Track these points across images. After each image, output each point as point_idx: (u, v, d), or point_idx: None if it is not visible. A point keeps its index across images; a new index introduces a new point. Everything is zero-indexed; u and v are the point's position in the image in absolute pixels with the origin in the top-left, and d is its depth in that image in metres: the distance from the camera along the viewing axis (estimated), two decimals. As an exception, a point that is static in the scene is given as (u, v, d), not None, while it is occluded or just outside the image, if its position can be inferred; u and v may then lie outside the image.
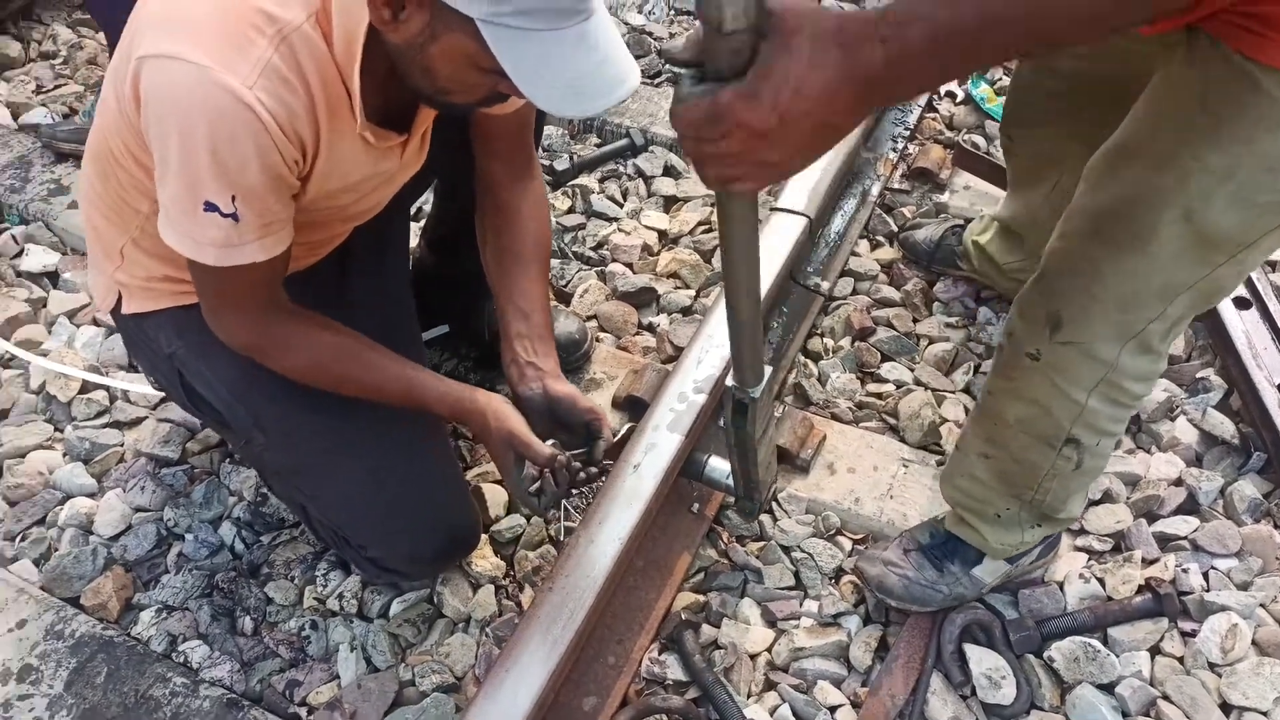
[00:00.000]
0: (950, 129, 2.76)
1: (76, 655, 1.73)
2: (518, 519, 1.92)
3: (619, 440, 1.72)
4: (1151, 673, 1.67)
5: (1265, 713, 1.60)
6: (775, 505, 1.92)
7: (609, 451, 1.64)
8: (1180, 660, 1.68)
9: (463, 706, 1.67)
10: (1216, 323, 2.11)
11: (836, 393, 2.12)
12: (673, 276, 2.40)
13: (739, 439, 1.46)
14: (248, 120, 1.24)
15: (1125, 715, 1.63)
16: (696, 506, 1.89)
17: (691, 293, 2.36)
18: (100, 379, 2.16)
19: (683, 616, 1.76)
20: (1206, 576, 1.78)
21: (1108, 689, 1.65)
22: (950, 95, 2.84)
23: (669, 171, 2.69)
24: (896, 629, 1.75)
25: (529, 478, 1.55)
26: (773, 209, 2.22)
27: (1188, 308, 1.30)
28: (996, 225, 2.14)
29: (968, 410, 2.06)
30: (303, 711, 1.70)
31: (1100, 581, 1.76)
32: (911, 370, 2.17)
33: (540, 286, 1.71)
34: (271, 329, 1.48)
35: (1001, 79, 2.87)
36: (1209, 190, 1.14)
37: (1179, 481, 1.92)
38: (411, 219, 2.04)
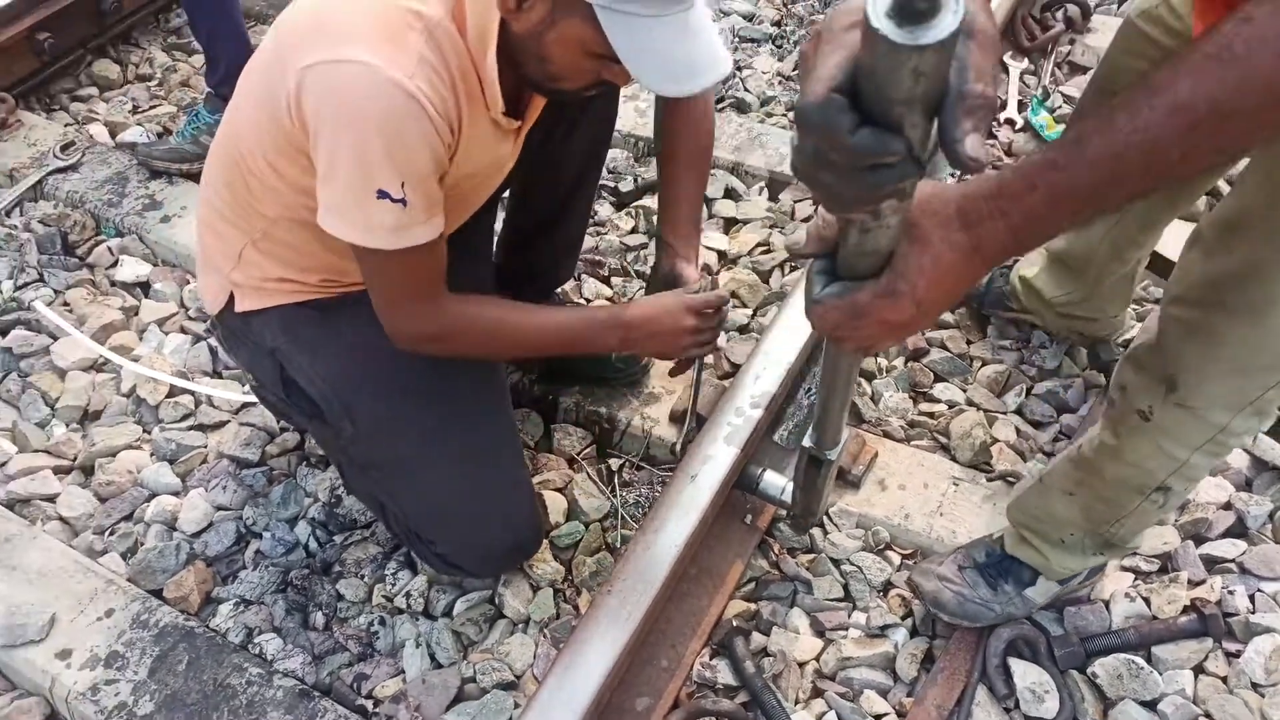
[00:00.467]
0: (1009, 156, 2.80)
1: (160, 644, 1.83)
2: (577, 525, 1.99)
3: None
4: (1195, 691, 1.69)
5: (1308, 734, 1.62)
6: (826, 519, 1.98)
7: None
8: (1224, 680, 1.70)
9: (520, 704, 1.75)
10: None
11: (889, 411, 2.17)
12: (732, 296, 2.47)
13: (808, 484, 1.54)
14: (415, 110, 1.36)
15: (1167, 733, 1.66)
16: (749, 518, 1.95)
17: (749, 311, 2.43)
18: (187, 384, 2.28)
19: (734, 623, 1.82)
20: (1252, 599, 1.80)
21: (1150, 706, 1.67)
22: (1009, 123, 2.87)
23: (729, 194, 2.75)
24: (943, 642, 1.79)
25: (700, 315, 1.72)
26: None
27: None
28: (1046, 258, 2.12)
29: (1019, 431, 2.10)
30: (369, 704, 1.79)
31: (1146, 601, 1.78)
32: (964, 391, 2.21)
33: (692, 182, 1.91)
34: (448, 314, 1.61)
35: (1062, 106, 2.90)
36: None
37: (1228, 505, 1.93)
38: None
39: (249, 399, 2.24)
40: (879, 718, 1.71)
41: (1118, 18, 2.64)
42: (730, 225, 2.69)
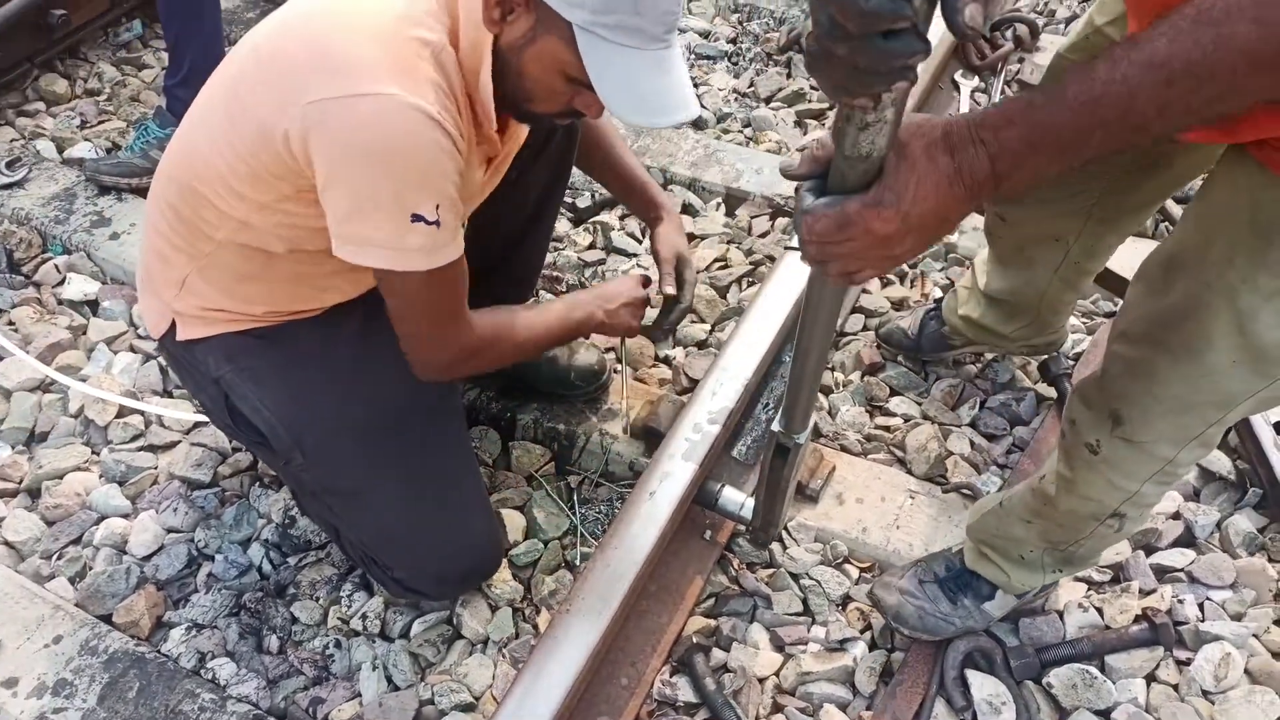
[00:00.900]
0: (960, 171, 2.83)
1: (109, 670, 1.79)
2: (535, 544, 1.98)
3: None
4: (1147, 700, 1.72)
5: (1258, 740, 1.65)
6: (785, 534, 1.98)
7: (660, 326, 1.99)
8: (1175, 688, 1.73)
9: (480, 724, 1.74)
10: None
11: (846, 425, 2.19)
12: (690, 311, 2.47)
13: (773, 479, 1.54)
14: (439, 134, 1.37)
15: (1122, 741, 1.68)
16: (709, 533, 1.95)
17: (707, 327, 2.44)
18: (136, 404, 2.24)
19: (694, 640, 1.82)
20: (1202, 607, 1.83)
21: (1104, 715, 1.69)
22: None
23: (686, 210, 2.77)
24: (901, 654, 1.80)
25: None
26: (786, 248, 2.30)
27: (1250, 410, 1.28)
28: (987, 301, 2.05)
29: (973, 444, 2.12)
30: (326, 727, 1.77)
31: (1099, 611, 1.81)
32: (919, 404, 2.23)
33: (628, 154, 2.04)
34: (477, 329, 1.62)
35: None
36: (1256, 308, 1.14)
37: (1177, 515, 1.97)
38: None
39: (200, 418, 2.21)
40: (839, 732, 1.72)
41: (1065, 37, 2.69)
42: (688, 240, 2.68)
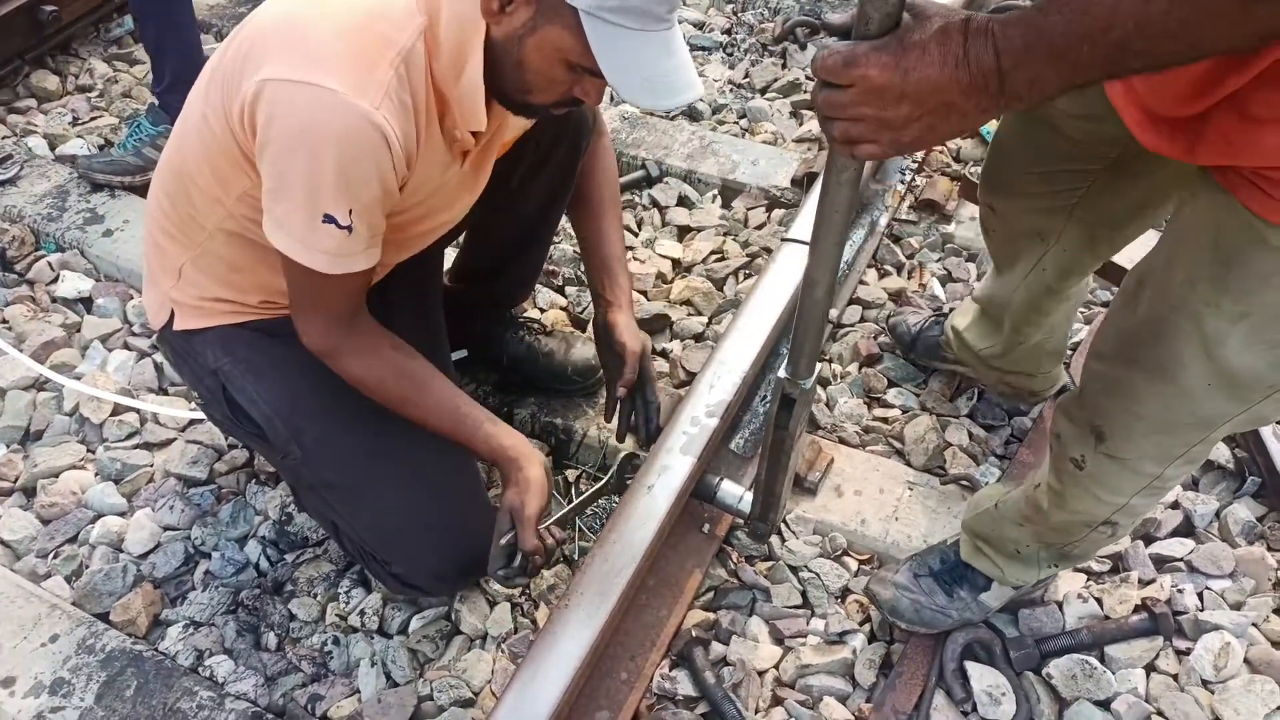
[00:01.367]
0: (957, 161, 2.83)
1: (107, 669, 1.79)
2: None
3: (619, 468, 1.84)
4: (1147, 690, 1.72)
5: (1257, 729, 1.65)
6: (784, 526, 1.98)
7: (616, 486, 1.82)
8: (1175, 678, 1.73)
9: (479, 720, 1.74)
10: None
11: (844, 417, 2.18)
12: (686, 304, 2.47)
13: (776, 440, 1.53)
14: (376, 141, 1.35)
15: (1121, 731, 1.68)
16: (707, 527, 1.95)
17: (704, 319, 2.43)
18: (131, 402, 2.23)
19: (693, 633, 1.81)
20: (1201, 597, 1.83)
21: (1104, 705, 1.69)
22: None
23: (683, 202, 2.76)
24: (900, 646, 1.80)
25: (508, 546, 1.59)
26: (783, 239, 2.29)
27: (1232, 431, 1.28)
28: (975, 311, 2.04)
29: (971, 435, 2.11)
30: (325, 724, 1.76)
31: (1098, 601, 1.80)
32: (917, 396, 2.23)
33: (613, 225, 1.93)
34: (351, 337, 1.58)
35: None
36: (1223, 331, 1.13)
37: (1176, 505, 1.97)
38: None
39: (196, 415, 2.20)
40: (839, 724, 1.72)
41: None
42: (684, 233, 2.69)
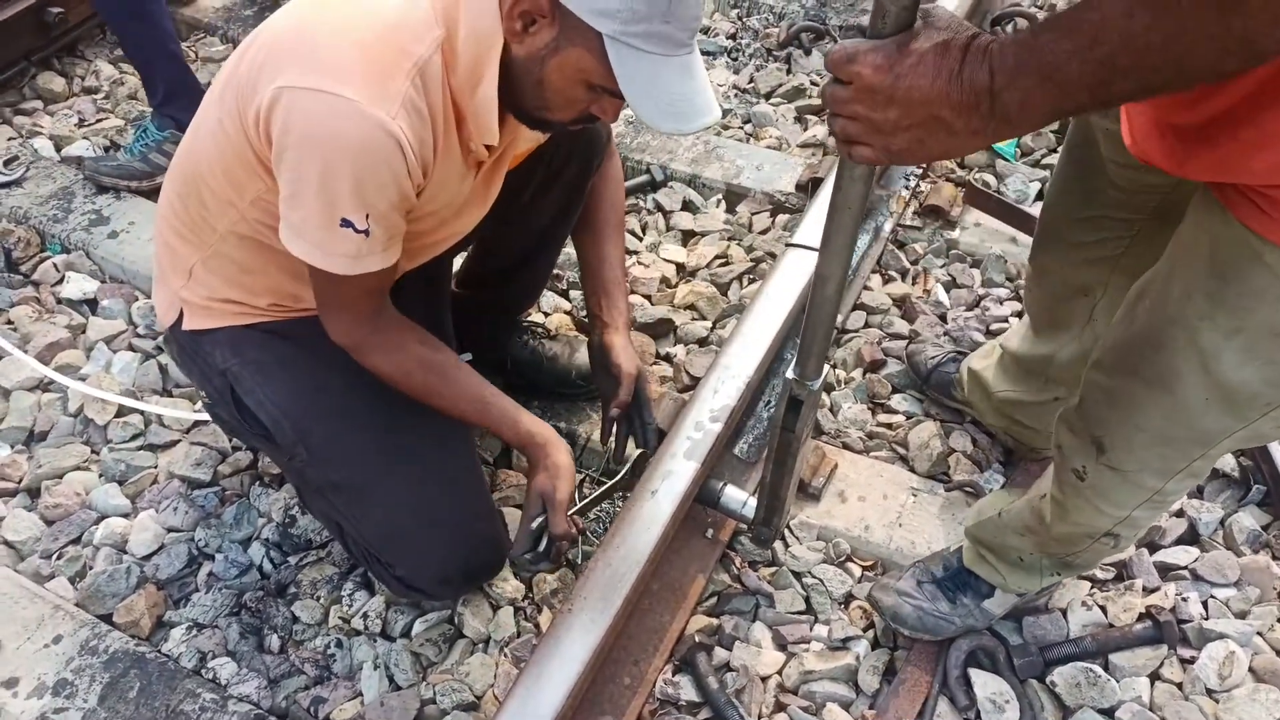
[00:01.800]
0: (962, 167, 2.83)
1: (110, 670, 1.79)
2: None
3: (634, 466, 1.83)
4: (1151, 698, 1.71)
5: (1262, 738, 1.64)
6: (787, 532, 1.98)
7: (627, 483, 1.79)
8: (1179, 686, 1.73)
9: (482, 724, 1.73)
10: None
11: (848, 423, 2.18)
12: (690, 308, 2.47)
13: (782, 443, 1.53)
14: (391, 150, 1.36)
15: (1125, 739, 1.67)
16: (710, 532, 1.94)
17: (708, 324, 2.43)
18: (136, 403, 2.23)
19: (696, 639, 1.81)
20: (1206, 605, 1.83)
21: (1108, 714, 1.69)
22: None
23: (687, 206, 2.76)
24: (904, 653, 1.79)
25: (537, 530, 1.63)
26: (789, 244, 2.29)
27: (1233, 448, 1.27)
28: (1001, 354, 1.98)
29: (975, 441, 2.11)
30: (327, 727, 1.76)
31: (1102, 609, 1.80)
32: (920, 402, 2.22)
33: (614, 247, 1.94)
34: (377, 333, 1.60)
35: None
36: (1218, 346, 1.12)
37: (1180, 513, 1.96)
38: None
39: (200, 417, 2.20)
40: (842, 731, 1.71)
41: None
42: (688, 238, 2.69)
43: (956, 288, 2.49)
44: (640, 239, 2.68)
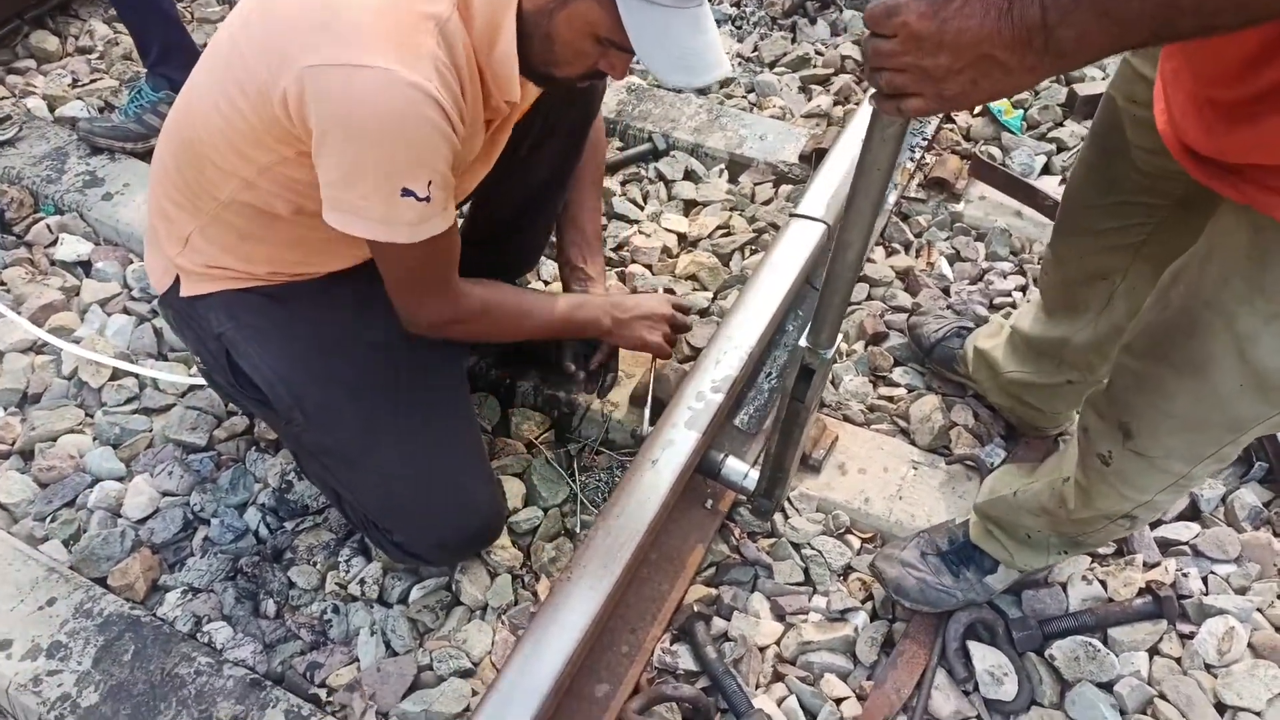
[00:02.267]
0: (967, 140, 2.80)
1: (104, 633, 1.78)
2: (535, 511, 1.97)
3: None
4: (1150, 672, 1.71)
5: (1259, 713, 1.64)
6: (787, 503, 1.97)
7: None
8: (1178, 661, 1.72)
9: (479, 691, 1.72)
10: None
11: (849, 395, 2.17)
12: (691, 279, 2.45)
13: (790, 412, 1.52)
14: (436, 113, 1.35)
15: (1123, 713, 1.67)
16: (710, 502, 1.93)
17: (709, 295, 2.41)
18: (130, 366, 2.21)
19: (695, 608, 1.81)
20: (1206, 581, 1.82)
21: (1107, 687, 1.69)
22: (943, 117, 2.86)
23: (689, 176, 2.73)
24: (902, 625, 1.79)
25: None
26: (792, 214, 2.26)
27: (1264, 433, 1.26)
28: (1011, 333, 1.96)
29: (977, 415, 2.10)
30: (323, 693, 1.75)
31: (1102, 583, 1.79)
32: (923, 375, 2.21)
33: (593, 201, 1.99)
34: (463, 301, 1.63)
35: (1025, 96, 2.91)
36: (1256, 331, 1.11)
37: (1182, 488, 1.95)
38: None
39: (196, 381, 2.18)
40: (839, 701, 1.71)
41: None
42: (690, 207, 2.67)
43: (960, 261, 2.47)
44: (641, 208, 2.65)
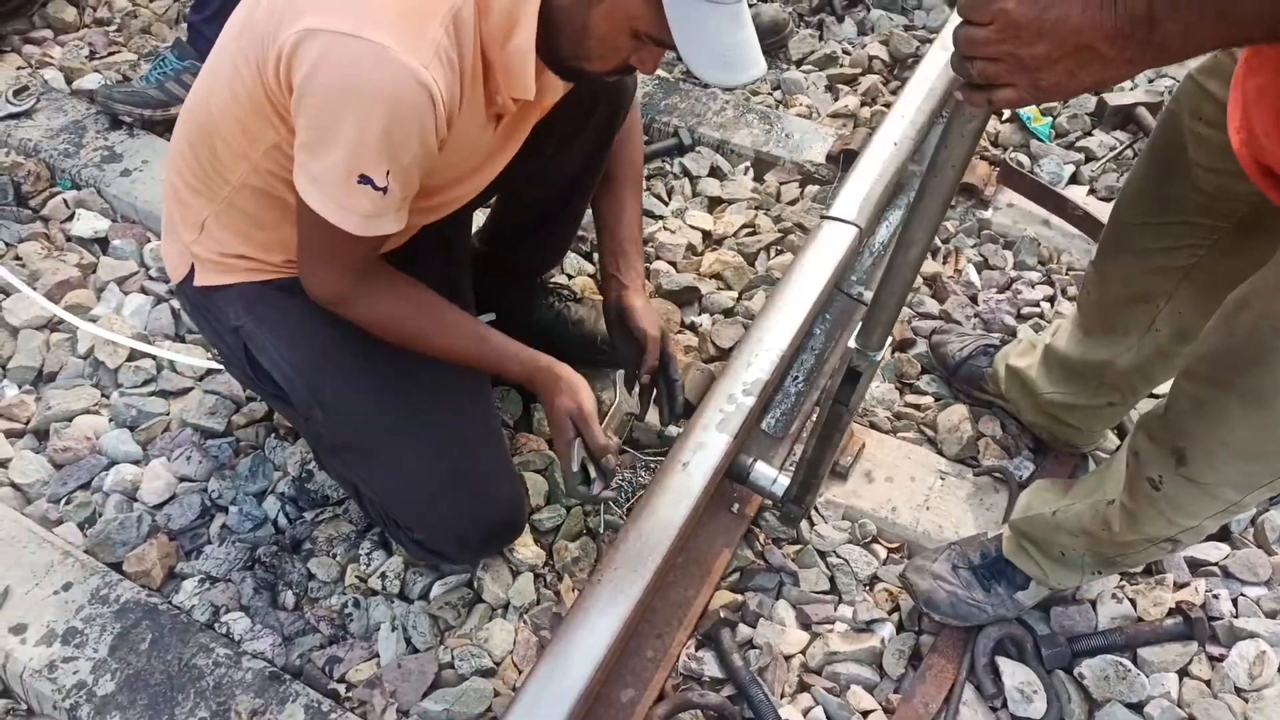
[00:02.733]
0: (996, 146, 2.78)
1: (121, 621, 1.75)
2: (558, 509, 1.94)
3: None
4: (1180, 694, 1.70)
5: (1291, 739, 1.64)
6: (813, 510, 1.95)
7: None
8: (1208, 684, 1.71)
9: (500, 691, 1.71)
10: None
11: (875, 402, 2.15)
12: (715, 277, 2.43)
13: (832, 415, 1.49)
14: (423, 101, 1.30)
15: (1153, 735, 1.66)
16: (736, 506, 1.92)
17: (734, 294, 2.39)
18: (148, 348, 2.18)
19: (721, 615, 1.79)
20: (1236, 603, 1.81)
21: (1136, 708, 1.68)
22: (996, 113, 2.85)
23: (714, 172, 2.71)
24: (929, 638, 1.78)
25: (580, 458, 1.61)
26: (823, 217, 2.24)
27: None
28: (1046, 352, 1.92)
29: (1004, 427, 2.08)
30: (342, 688, 1.73)
31: (1132, 602, 1.78)
32: (950, 383, 2.19)
33: (631, 205, 1.89)
34: (362, 282, 1.54)
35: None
36: None
37: (1212, 509, 1.94)
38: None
39: (214, 365, 2.15)
40: (866, 714, 1.69)
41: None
42: (715, 204, 2.64)
43: (988, 269, 2.45)
44: (666, 204, 2.63)
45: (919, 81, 2.59)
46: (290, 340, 1.65)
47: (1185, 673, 1.73)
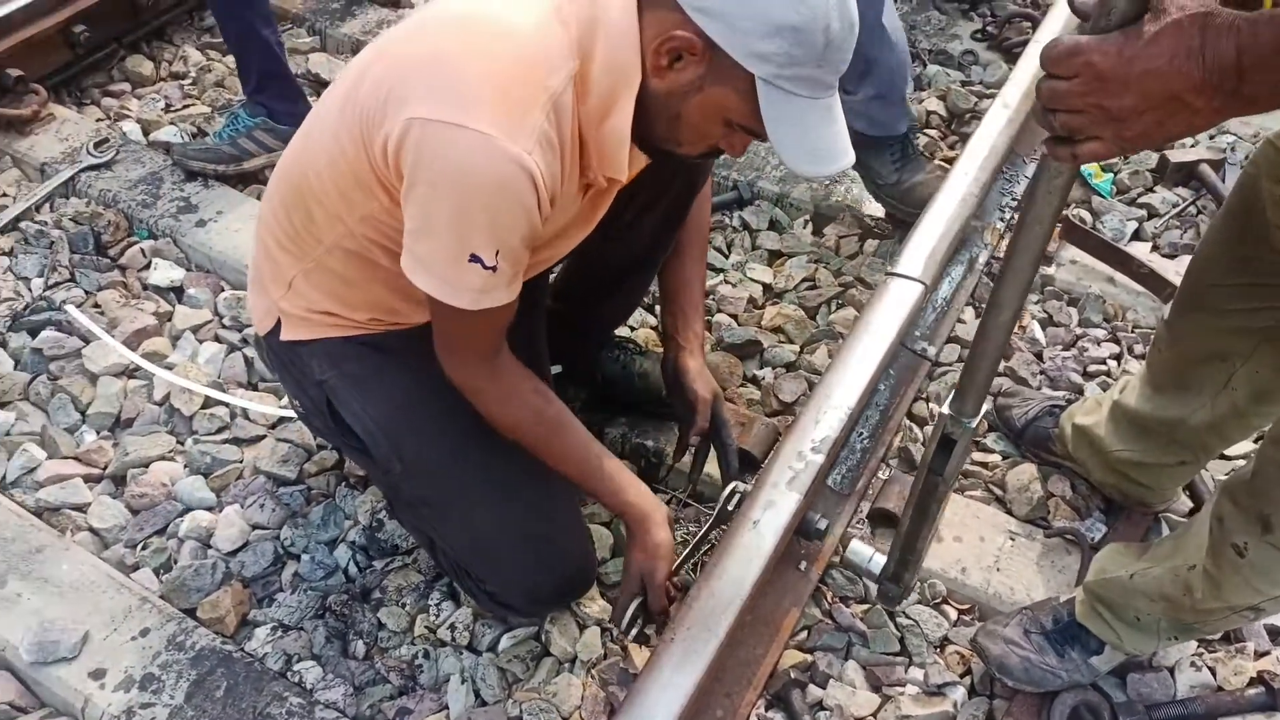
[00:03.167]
0: (1056, 201, 2.78)
1: (197, 668, 1.77)
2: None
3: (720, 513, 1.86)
4: (1263, 767, 1.67)
5: (1376, 816, 1.60)
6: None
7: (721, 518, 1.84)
8: (1292, 757, 1.68)
9: (569, 747, 1.71)
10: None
11: (941, 459, 2.14)
12: (777, 331, 2.44)
13: (928, 487, 1.47)
14: (526, 186, 1.34)
15: (1235, 809, 1.63)
16: (804, 564, 1.91)
17: (795, 348, 2.39)
18: (222, 395, 2.22)
19: (790, 674, 1.78)
20: (1319, 674, 1.78)
21: (1218, 780, 1.65)
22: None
23: (773, 225, 2.73)
24: (1003, 703, 1.76)
25: (636, 600, 1.70)
26: (889, 273, 2.25)
27: None
28: (1114, 409, 1.89)
29: (1074, 487, 2.06)
30: (412, 739, 1.74)
31: (1211, 671, 1.76)
32: (1018, 445, 2.17)
33: (695, 268, 1.96)
34: (495, 380, 1.58)
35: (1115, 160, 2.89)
36: None
37: (1291, 576, 1.91)
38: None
39: (286, 413, 2.19)
40: (940, 779, 1.68)
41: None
42: (774, 258, 2.65)
43: (1053, 325, 2.44)
44: (726, 256, 2.65)
45: (981, 138, 2.59)
46: (373, 396, 1.68)
47: (1268, 744, 1.70)
